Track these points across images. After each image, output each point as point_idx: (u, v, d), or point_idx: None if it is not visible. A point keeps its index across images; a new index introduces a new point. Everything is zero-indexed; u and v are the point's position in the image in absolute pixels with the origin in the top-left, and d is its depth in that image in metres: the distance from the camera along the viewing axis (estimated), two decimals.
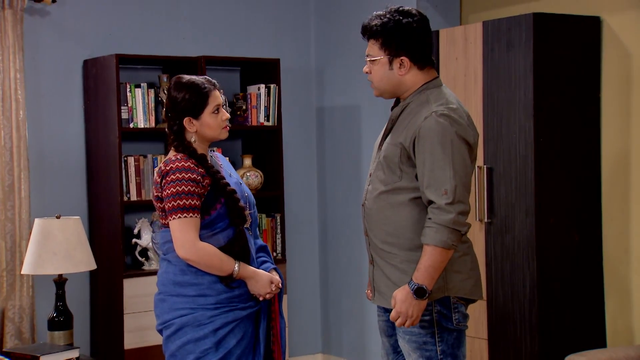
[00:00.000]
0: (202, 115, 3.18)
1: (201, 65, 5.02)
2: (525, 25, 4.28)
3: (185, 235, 3.09)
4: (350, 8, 5.62)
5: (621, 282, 4.42)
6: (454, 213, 2.84)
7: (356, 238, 5.57)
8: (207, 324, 3.13)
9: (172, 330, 3.18)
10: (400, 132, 2.98)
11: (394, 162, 2.96)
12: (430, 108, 2.93)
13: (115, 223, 4.81)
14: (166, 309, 3.21)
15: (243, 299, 3.18)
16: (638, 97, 4.34)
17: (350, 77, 5.60)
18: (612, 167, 4.45)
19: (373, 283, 3.10)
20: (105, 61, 4.86)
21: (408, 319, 2.87)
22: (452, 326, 2.98)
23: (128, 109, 4.87)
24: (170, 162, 3.15)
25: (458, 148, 2.88)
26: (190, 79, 3.21)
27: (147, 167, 4.93)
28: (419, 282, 2.86)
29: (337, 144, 5.76)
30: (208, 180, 3.14)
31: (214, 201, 3.14)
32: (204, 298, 3.14)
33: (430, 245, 2.85)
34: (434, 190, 2.86)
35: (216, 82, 3.26)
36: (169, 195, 3.11)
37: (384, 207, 2.99)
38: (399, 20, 2.96)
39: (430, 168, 2.87)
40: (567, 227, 4.38)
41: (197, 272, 3.15)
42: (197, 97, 3.17)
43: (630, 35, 4.37)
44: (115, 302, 4.82)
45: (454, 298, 2.97)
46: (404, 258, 2.96)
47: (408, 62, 2.98)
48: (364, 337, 5.58)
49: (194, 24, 5.43)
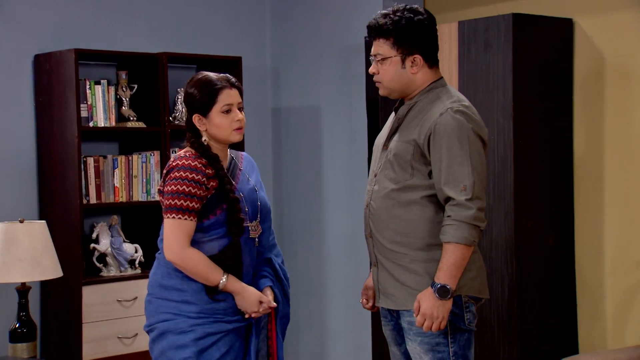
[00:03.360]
0: (210, 114, 3.02)
1: (163, 62, 4.81)
2: (504, 25, 4.24)
3: (174, 237, 2.95)
4: (307, 7, 5.50)
5: (594, 285, 4.42)
6: (474, 209, 2.81)
7: (316, 242, 5.46)
8: (187, 332, 2.99)
9: (155, 335, 3.05)
10: (412, 129, 2.93)
11: (405, 159, 2.91)
12: (445, 104, 2.91)
13: (73, 227, 4.55)
14: (152, 311, 3.07)
15: (229, 312, 3.03)
16: (610, 99, 4.36)
17: (309, 77, 5.48)
18: (585, 169, 4.45)
19: (378, 285, 3.03)
20: (62, 56, 4.60)
21: (434, 322, 2.80)
22: (464, 326, 2.93)
23: (87, 107, 4.62)
24: (178, 157, 3.01)
25: (474, 144, 2.87)
26: (204, 75, 3.06)
27: (107, 168, 4.69)
28: (441, 282, 2.81)
29: (295, 146, 5.62)
30: (214, 183, 2.99)
31: (216, 206, 2.99)
32: (187, 305, 3.00)
33: (452, 243, 2.80)
34: (453, 187, 2.82)
35: (235, 81, 3.07)
36: (168, 192, 2.97)
37: (394, 205, 2.92)
38: (410, 18, 2.93)
39: (447, 164, 2.84)
40: (543, 229, 4.36)
41: (184, 278, 3.00)
42: (206, 94, 3.01)
43: (602, 37, 4.38)
44: (73, 311, 4.56)
45: (465, 297, 2.92)
46: (414, 258, 2.91)
47: (421, 60, 2.96)
48: (323, 345, 5.46)
49: (149, 19, 5.22)
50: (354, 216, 5.27)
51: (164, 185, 3.01)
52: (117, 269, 4.73)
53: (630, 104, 4.29)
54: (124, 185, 4.72)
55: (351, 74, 5.23)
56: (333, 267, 5.40)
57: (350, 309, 5.28)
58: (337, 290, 5.38)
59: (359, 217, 5.25)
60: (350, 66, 5.25)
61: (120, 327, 4.64)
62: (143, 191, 4.77)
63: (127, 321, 4.66)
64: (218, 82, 3.02)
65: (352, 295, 5.27)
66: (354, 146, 5.24)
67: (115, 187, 4.69)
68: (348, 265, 5.30)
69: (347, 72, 5.27)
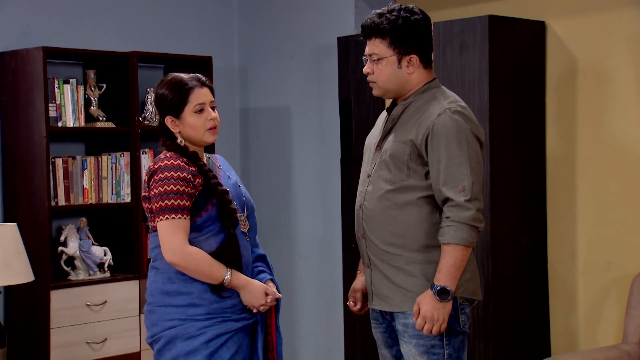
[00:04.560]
0: (182, 115, 2.95)
1: (133, 62, 4.72)
2: (480, 27, 4.25)
3: (173, 237, 2.86)
4: (277, 7, 5.45)
5: (567, 287, 4.45)
6: (473, 210, 2.80)
7: (285, 244, 5.41)
8: (197, 335, 2.90)
9: (161, 344, 2.94)
10: (409, 129, 2.91)
11: (402, 160, 2.89)
12: (442, 105, 2.90)
13: (41, 230, 4.43)
14: (155, 320, 2.96)
15: (237, 309, 2.96)
16: (583, 101, 4.39)
17: (279, 77, 5.43)
18: (557, 171, 4.48)
19: (371, 287, 3.00)
20: (29, 54, 4.48)
21: (435, 324, 2.77)
22: (459, 328, 2.92)
23: (56, 107, 4.51)
24: (159, 160, 2.93)
25: (472, 145, 2.87)
26: (175, 76, 3.00)
27: (76, 169, 4.57)
28: (441, 284, 2.79)
29: (263, 146, 5.57)
30: (200, 180, 2.92)
31: (205, 202, 2.92)
32: (194, 308, 2.91)
33: (451, 244, 2.79)
34: (452, 187, 2.81)
35: (205, 80, 3.01)
36: (156, 195, 2.88)
37: (390, 206, 2.90)
38: (407, 17, 2.92)
39: (446, 165, 2.82)
40: (518, 230, 4.38)
41: (187, 280, 2.91)
42: (177, 94, 2.94)
43: (574, 40, 4.42)
44: (41, 315, 4.44)
45: (460, 299, 2.90)
46: (410, 259, 2.88)
47: (417, 60, 2.94)
48: (294, 347, 5.41)
49: (116, 18, 5.11)
50: (325, 218, 5.24)
51: (149, 190, 2.92)
52: (86, 273, 4.62)
53: (602, 106, 4.33)
54: (94, 187, 4.62)
55: (322, 75, 5.20)
56: (304, 268, 5.36)
57: (321, 310, 5.25)
58: (308, 292, 5.34)
59: (329, 219, 5.25)
60: (321, 66, 5.22)
61: (89, 332, 4.54)
62: (113, 193, 4.67)
63: (96, 326, 4.56)
64: (189, 82, 2.97)
65: (324, 297, 5.24)
66: (324, 147, 5.21)
67: (84, 188, 4.59)
68: (319, 267, 5.27)
69: (318, 73, 5.24)
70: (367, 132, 4.78)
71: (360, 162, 4.73)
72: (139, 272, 4.71)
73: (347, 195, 4.83)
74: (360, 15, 5.03)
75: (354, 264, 4.82)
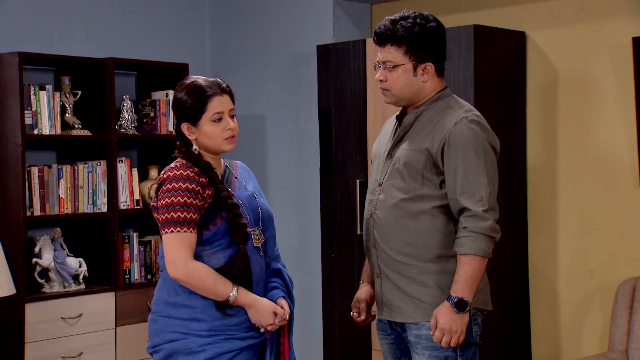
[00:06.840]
0: (199, 122, 2.84)
1: (109, 68, 4.60)
2: (465, 36, 4.25)
3: (176, 252, 2.75)
4: (251, 15, 5.38)
5: (548, 296, 4.47)
6: (490, 220, 2.78)
7: None
8: (198, 352, 2.78)
9: (160, 357, 2.83)
10: (423, 138, 2.87)
11: (416, 169, 2.85)
12: (459, 114, 2.87)
13: (15, 241, 4.28)
14: (157, 331, 2.84)
15: (242, 327, 2.83)
16: (564, 111, 4.43)
17: (254, 85, 5.37)
18: (538, 180, 4.50)
19: (381, 297, 2.94)
20: (3, 60, 4.34)
21: (453, 336, 2.73)
22: (472, 339, 2.89)
23: (32, 114, 4.37)
24: (169, 169, 2.82)
25: (489, 155, 2.85)
26: (194, 81, 2.87)
27: (52, 178, 4.43)
28: (458, 295, 2.75)
29: (238, 154, 5.47)
30: (210, 192, 2.80)
31: (215, 215, 2.80)
32: (197, 323, 2.79)
33: (469, 255, 2.76)
34: (469, 197, 2.78)
35: (226, 87, 2.90)
36: (162, 207, 2.77)
37: (403, 216, 2.85)
38: (423, 25, 2.88)
39: (463, 174, 2.79)
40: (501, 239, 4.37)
41: (191, 293, 2.80)
42: (196, 101, 2.82)
43: (554, 50, 4.45)
44: (14, 329, 4.29)
45: (473, 309, 2.87)
46: (423, 269, 2.84)
47: (432, 68, 2.91)
48: None
49: (89, 25, 4.99)
50: (300, 227, 5.18)
51: (157, 200, 2.82)
52: (61, 285, 4.49)
53: (583, 115, 4.37)
54: (69, 196, 4.48)
55: (299, 83, 5.15)
56: None
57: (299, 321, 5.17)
58: None
59: (305, 229, 5.19)
60: (297, 75, 5.16)
61: (65, 346, 4.41)
62: (89, 202, 4.55)
63: (71, 340, 4.44)
64: (208, 89, 2.85)
65: (302, 308, 5.17)
66: (301, 156, 5.15)
67: (60, 198, 4.45)
68: (296, 277, 5.18)
69: (295, 81, 5.18)
70: (347, 141, 4.79)
71: (341, 170, 4.79)
72: (115, 284, 4.59)
73: (326, 204, 4.77)
74: (338, 24, 5.00)
75: (332, 274, 4.78)
